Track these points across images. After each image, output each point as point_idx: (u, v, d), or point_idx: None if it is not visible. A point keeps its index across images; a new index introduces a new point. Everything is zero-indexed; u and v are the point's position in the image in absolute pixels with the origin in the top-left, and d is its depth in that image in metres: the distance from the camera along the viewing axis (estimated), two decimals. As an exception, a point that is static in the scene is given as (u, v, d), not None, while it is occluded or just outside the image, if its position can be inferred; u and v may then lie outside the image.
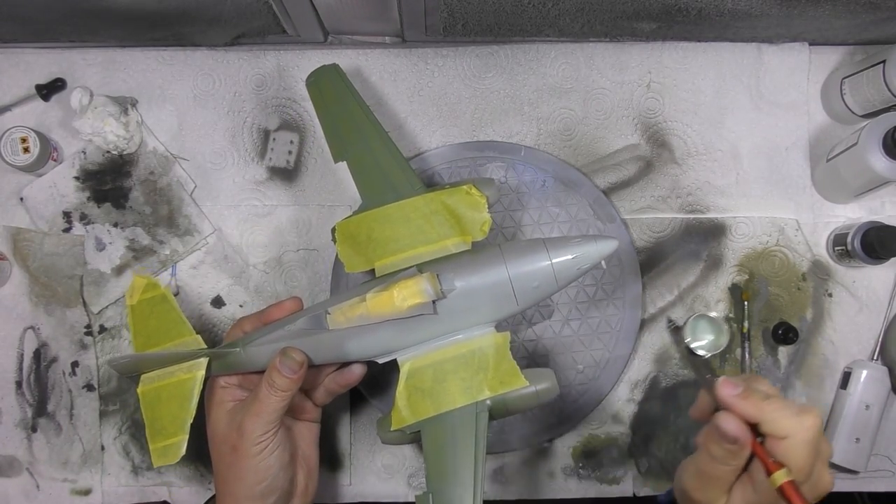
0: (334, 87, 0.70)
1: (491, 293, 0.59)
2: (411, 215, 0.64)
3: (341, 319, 0.60)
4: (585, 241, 0.59)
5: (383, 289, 0.59)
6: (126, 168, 0.78)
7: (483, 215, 0.63)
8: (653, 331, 0.77)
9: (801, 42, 0.79)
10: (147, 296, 0.63)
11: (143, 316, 0.63)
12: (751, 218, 0.78)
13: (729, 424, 0.46)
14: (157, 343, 0.63)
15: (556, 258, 0.59)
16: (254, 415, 0.59)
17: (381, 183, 0.66)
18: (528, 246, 0.60)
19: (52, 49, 0.79)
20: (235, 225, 0.78)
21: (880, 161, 0.69)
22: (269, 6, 0.70)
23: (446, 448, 0.58)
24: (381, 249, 0.63)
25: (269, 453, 0.60)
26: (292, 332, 0.61)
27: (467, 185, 0.64)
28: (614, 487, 0.76)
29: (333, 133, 0.69)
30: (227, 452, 0.61)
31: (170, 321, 0.63)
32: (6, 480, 0.76)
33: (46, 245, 0.77)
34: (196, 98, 0.79)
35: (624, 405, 0.77)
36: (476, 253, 0.61)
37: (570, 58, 0.80)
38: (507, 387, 0.59)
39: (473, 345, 0.60)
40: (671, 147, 0.79)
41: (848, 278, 0.78)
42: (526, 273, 0.59)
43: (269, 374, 0.59)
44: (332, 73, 0.71)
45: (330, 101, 0.70)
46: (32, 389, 0.77)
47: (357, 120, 0.68)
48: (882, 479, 0.77)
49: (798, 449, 0.46)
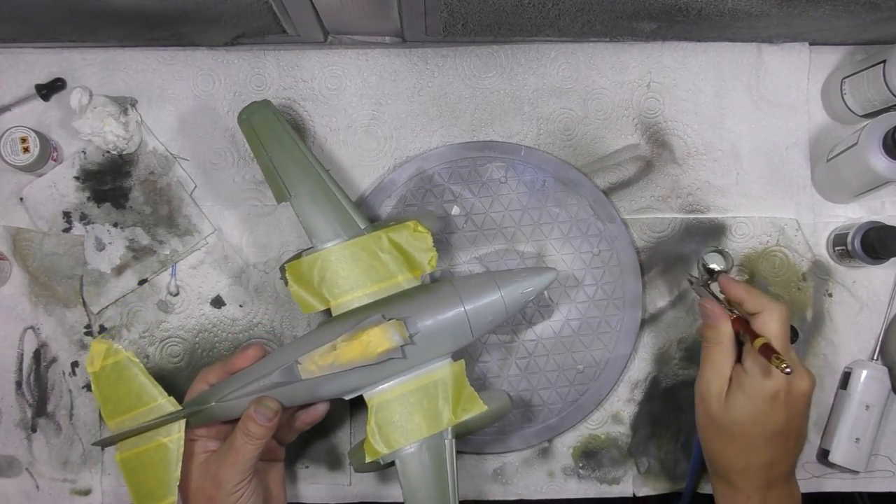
0: (268, 126, 0.69)
1: (450, 331, 0.64)
2: (360, 254, 0.67)
3: (313, 368, 0.62)
4: (530, 274, 0.65)
5: (352, 336, 0.62)
6: (126, 168, 0.78)
7: (429, 250, 0.67)
8: (653, 331, 0.77)
9: (801, 42, 0.79)
10: (109, 361, 0.62)
11: (109, 382, 0.62)
12: (751, 218, 0.78)
13: (707, 303, 0.63)
14: (129, 410, 0.62)
15: (505, 292, 0.64)
16: (230, 464, 0.60)
17: (326, 224, 0.67)
18: (481, 283, 0.65)
19: (52, 49, 0.79)
20: (235, 225, 0.78)
21: (880, 161, 0.69)
22: (269, 6, 0.70)
23: (420, 475, 0.63)
24: (335, 289, 0.67)
25: (246, 500, 0.61)
26: (265, 385, 0.62)
27: (412, 222, 0.67)
28: (614, 487, 0.76)
29: (272, 173, 0.68)
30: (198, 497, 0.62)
31: (138, 386, 0.62)
32: (6, 480, 0.76)
33: (46, 245, 0.77)
34: (196, 98, 0.79)
35: (624, 405, 0.77)
36: (432, 292, 0.65)
37: (570, 58, 0.80)
38: (468, 413, 0.64)
39: (435, 376, 0.65)
40: (671, 147, 0.79)
41: (848, 278, 0.78)
42: (480, 308, 0.64)
43: (245, 424, 0.60)
44: (263, 111, 0.70)
45: (265, 139, 0.69)
46: (32, 389, 0.77)
47: (296, 159, 0.68)
48: (882, 479, 0.77)
49: (772, 320, 0.60)
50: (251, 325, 0.77)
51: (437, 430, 0.64)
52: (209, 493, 0.61)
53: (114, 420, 0.62)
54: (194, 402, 0.63)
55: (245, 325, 0.77)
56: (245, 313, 0.77)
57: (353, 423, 0.77)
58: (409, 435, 0.64)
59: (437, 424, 0.64)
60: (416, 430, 0.64)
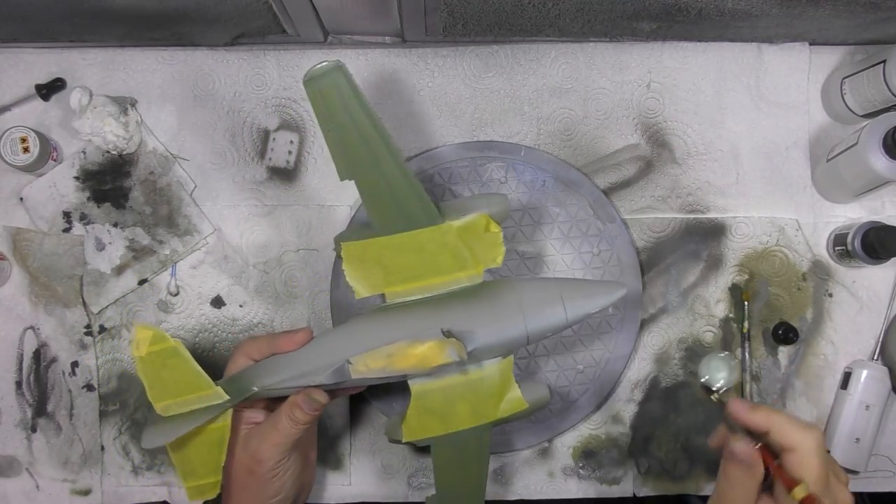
0: (341, 95, 0.61)
1: (507, 344, 0.62)
2: (426, 245, 0.63)
3: (363, 369, 0.60)
4: (599, 290, 0.62)
5: (408, 346, 0.60)
6: (126, 168, 0.78)
7: (498, 246, 0.63)
8: (653, 331, 0.77)
9: (801, 42, 0.79)
10: (156, 348, 0.61)
11: (155, 368, 0.62)
12: (751, 218, 0.78)
13: (739, 445, 0.53)
14: (176, 395, 0.61)
15: (570, 308, 0.61)
16: (272, 444, 0.61)
17: (394, 210, 0.62)
18: (546, 297, 0.61)
19: (52, 49, 0.79)
20: (235, 225, 0.78)
21: (880, 161, 0.69)
22: (269, 6, 0.70)
23: (454, 460, 0.63)
24: (393, 277, 0.63)
25: (285, 472, 0.62)
26: (313, 381, 0.61)
27: (484, 218, 0.63)
28: (614, 487, 0.76)
29: (339, 148, 0.62)
30: (242, 474, 0.62)
31: (186, 373, 0.61)
32: (6, 480, 0.76)
33: (46, 245, 0.77)
34: (196, 98, 0.79)
35: (624, 405, 0.77)
36: (493, 299, 0.62)
37: (570, 58, 0.79)
38: (511, 411, 0.63)
39: (483, 372, 0.63)
40: (671, 147, 0.79)
41: (848, 278, 0.78)
42: (541, 323, 0.61)
43: (291, 410, 0.60)
44: (337, 77, 0.60)
45: (335, 110, 0.61)
46: (32, 389, 0.77)
47: (368, 137, 0.61)
48: (882, 479, 0.77)
49: (809, 459, 0.51)
50: (251, 325, 0.77)
51: (477, 423, 0.63)
52: (248, 466, 0.61)
53: (161, 403, 0.62)
54: (237, 384, 0.62)
55: (245, 325, 0.77)
56: (245, 313, 0.77)
57: (354, 423, 0.77)
58: (449, 424, 0.63)
59: (478, 418, 0.63)
60: (456, 421, 0.63)
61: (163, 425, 0.62)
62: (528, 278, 0.65)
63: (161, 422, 0.62)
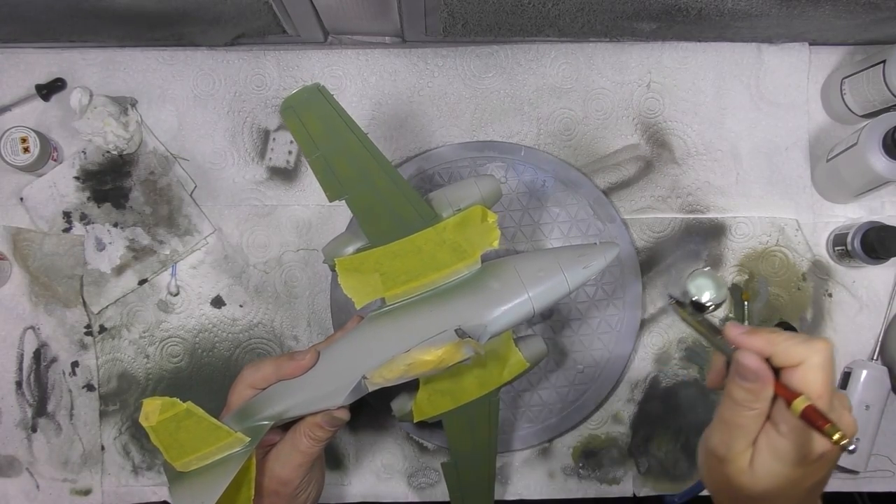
0: (323, 118, 0.59)
1: (516, 324, 0.63)
2: (423, 246, 0.62)
3: (380, 381, 0.60)
4: (594, 252, 0.63)
5: (424, 353, 0.59)
6: (126, 168, 0.78)
7: (493, 230, 0.63)
8: (653, 331, 0.77)
9: (801, 42, 0.79)
10: (167, 415, 0.59)
11: (169, 432, 0.60)
12: (751, 218, 0.78)
13: (747, 358, 0.46)
14: (194, 451, 0.60)
15: (569, 274, 0.62)
16: (296, 465, 0.60)
17: (389, 220, 0.62)
18: (545, 266, 0.62)
19: (52, 49, 0.79)
20: (235, 225, 0.78)
21: (880, 161, 0.69)
22: (269, 6, 0.70)
23: (466, 429, 0.65)
24: (391, 281, 0.62)
25: (308, 484, 0.62)
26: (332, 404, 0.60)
27: (480, 209, 0.63)
28: (614, 487, 0.76)
29: (326, 170, 0.60)
30: (269, 498, 0.61)
31: (202, 429, 0.59)
32: (6, 480, 0.76)
33: (46, 245, 0.77)
34: (196, 98, 0.79)
35: (624, 405, 0.77)
36: (495, 278, 0.62)
37: (570, 58, 0.80)
38: (514, 373, 0.64)
39: (487, 346, 0.63)
40: (671, 147, 0.79)
41: (848, 278, 0.78)
42: (547, 300, 0.62)
43: (313, 430, 0.60)
44: (317, 100, 0.59)
45: (318, 134, 0.60)
46: (32, 389, 0.77)
47: (356, 154, 0.60)
48: (882, 479, 0.77)
49: (813, 373, 0.45)
50: (251, 325, 0.77)
51: (485, 391, 0.64)
52: (274, 490, 0.61)
53: (181, 461, 0.60)
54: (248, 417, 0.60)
55: (245, 325, 0.77)
56: (245, 313, 0.77)
57: (354, 423, 0.77)
58: (457, 398, 0.64)
59: (485, 387, 0.64)
60: (464, 394, 0.64)
61: (191, 483, 0.59)
62: (524, 254, 0.64)
63: (187, 479, 0.60)
